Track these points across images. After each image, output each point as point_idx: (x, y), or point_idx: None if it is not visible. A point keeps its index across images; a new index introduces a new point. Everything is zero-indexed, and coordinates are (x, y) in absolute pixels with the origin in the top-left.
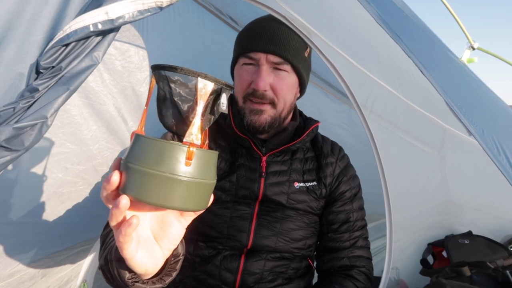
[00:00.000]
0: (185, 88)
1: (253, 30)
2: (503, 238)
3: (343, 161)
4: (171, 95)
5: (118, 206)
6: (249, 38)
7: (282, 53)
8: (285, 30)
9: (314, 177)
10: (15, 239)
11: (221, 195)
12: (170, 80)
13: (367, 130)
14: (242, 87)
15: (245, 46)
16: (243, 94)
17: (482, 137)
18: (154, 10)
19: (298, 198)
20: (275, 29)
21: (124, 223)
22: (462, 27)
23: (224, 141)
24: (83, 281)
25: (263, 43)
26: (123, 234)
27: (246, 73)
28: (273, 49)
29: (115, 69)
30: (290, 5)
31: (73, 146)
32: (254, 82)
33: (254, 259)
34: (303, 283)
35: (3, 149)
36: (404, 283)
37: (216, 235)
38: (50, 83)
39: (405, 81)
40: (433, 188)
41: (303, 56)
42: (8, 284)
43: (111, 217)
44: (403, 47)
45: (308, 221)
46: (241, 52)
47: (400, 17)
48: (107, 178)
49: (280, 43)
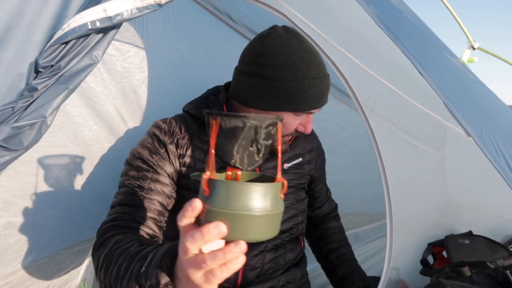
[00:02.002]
0: (243, 128)
1: (311, 89)
2: (503, 238)
3: (316, 138)
4: (231, 134)
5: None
6: (310, 97)
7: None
8: (329, 76)
9: (298, 156)
10: (15, 238)
11: None
12: (229, 123)
13: (368, 129)
14: (289, 131)
15: (308, 105)
16: (285, 135)
17: (480, 138)
18: (153, 7)
19: (288, 177)
20: (326, 82)
21: (233, 261)
22: (462, 27)
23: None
24: (83, 280)
25: (323, 100)
26: (227, 273)
27: (295, 122)
28: (326, 101)
29: (115, 70)
30: (291, 4)
31: (74, 146)
32: (303, 127)
33: (253, 252)
34: (299, 272)
35: (2, 148)
36: (404, 283)
37: None
38: (49, 82)
39: (406, 79)
40: (433, 187)
41: None
42: (8, 283)
43: (214, 258)
44: (401, 48)
45: (298, 198)
46: (299, 110)
47: (399, 18)
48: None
49: (328, 91)
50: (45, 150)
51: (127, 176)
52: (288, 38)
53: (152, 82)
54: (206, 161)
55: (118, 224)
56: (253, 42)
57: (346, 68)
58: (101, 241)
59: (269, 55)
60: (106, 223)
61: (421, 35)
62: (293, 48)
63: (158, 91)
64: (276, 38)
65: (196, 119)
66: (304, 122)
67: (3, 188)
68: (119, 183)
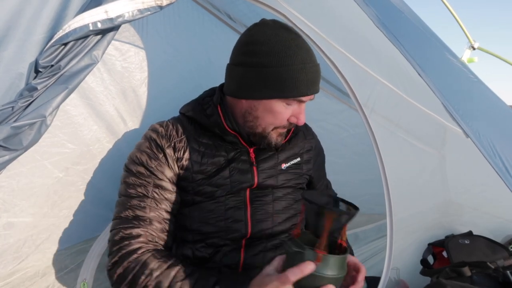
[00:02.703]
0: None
1: (300, 74)
2: (503, 238)
3: (315, 137)
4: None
5: None
6: (300, 83)
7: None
8: (319, 65)
9: (297, 156)
10: (14, 239)
11: (216, 191)
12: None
13: (368, 129)
14: (281, 122)
15: (298, 91)
16: (279, 126)
17: (478, 139)
18: (154, 9)
19: (286, 177)
20: (316, 68)
21: None
22: (462, 27)
23: (208, 139)
24: (83, 281)
25: (313, 88)
26: None
27: (287, 111)
28: (317, 90)
29: (115, 70)
30: (291, 4)
31: (74, 146)
32: (295, 117)
33: (254, 252)
34: None
35: (2, 148)
36: (404, 283)
37: (214, 230)
38: (49, 82)
39: (406, 79)
40: (433, 187)
41: None
42: (8, 284)
43: None
44: (400, 50)
45: (297, 198)
46: (290, 96)
47: (398, 19)
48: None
49: (319, 80)
50: (45, 150)
51: (127, 184)
52: (276, 28)
53: (152, 82)
54: (203, 163)
55: (139, 242)
56: (242, 34)
57: (346, 68)
58: (123, 260)
59: (256, 43)
60: (122, 241)
61: (421, 35)
62: (280, 36)
63: (158, 91)
64: (263, 28)
65: (192, 121)
66: (297, 113)
67: (3, 188)
68: (120, 190)
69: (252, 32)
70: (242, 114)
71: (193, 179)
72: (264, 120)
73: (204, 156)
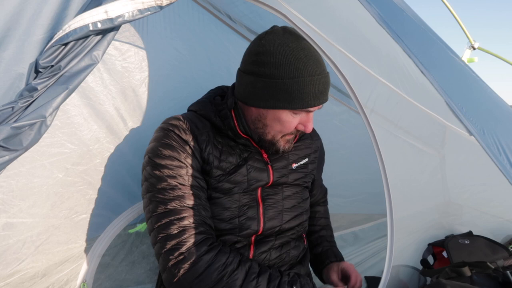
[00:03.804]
0: None
1: (308, 86)
2: (503, 238)
3: (319, 138)
4: None
5: None
6: (307, 95)
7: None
8: (328, 74)
9: (305, 156)
10: (14, 239)
11: (234, 187)
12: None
13: (368, 129)
14: (289, 130)
15: (305, 103)
16: (286, 133)
17: (482, 137)
18: (154, 9)
19: (296, 176)
20: (325, 79)
21: None
22: (462, 27)
23: (224, 140)
24: (83, 281)
25: (322, 98)
26: None
27: (295, 120)
28: (325, 99)
29: (115, 69)
30: (291, 4)
31: (73, 147)
32: (303, 125)
33: (262, 249)
34: (303, 269)
35: (2, 148)
36: (404, 283)
37: (228, 227)
38: (49, 82)
39: (407, 79)
40: (433, 187)
41: None
42: (7, 284)
43: None
44: (403, 48)
45: (304, 197)
46: (297, 107)
47: (400, 18)
48: None
49: (328, 89)
50: (45, 150)
51: (159, 178)
52: (285, 37)
53: (151, 82)
54: (222, 159)
55: (200, 232)
56: (253, 42)
57: (346, 68)
58: (191, 255)
59: (266, 53)
60: (183, 234)
61: (424, 33)
62: (290, 46)
63: (157, 91)
64: (273, 37)
65: (205, 119)
66: (304, 121)
67: (3, 188)
68: (149, 184)
69: (262, 41)
70: (252, 120)
71: (212, 174)
72: (273, 128)
73: (222, 153)
